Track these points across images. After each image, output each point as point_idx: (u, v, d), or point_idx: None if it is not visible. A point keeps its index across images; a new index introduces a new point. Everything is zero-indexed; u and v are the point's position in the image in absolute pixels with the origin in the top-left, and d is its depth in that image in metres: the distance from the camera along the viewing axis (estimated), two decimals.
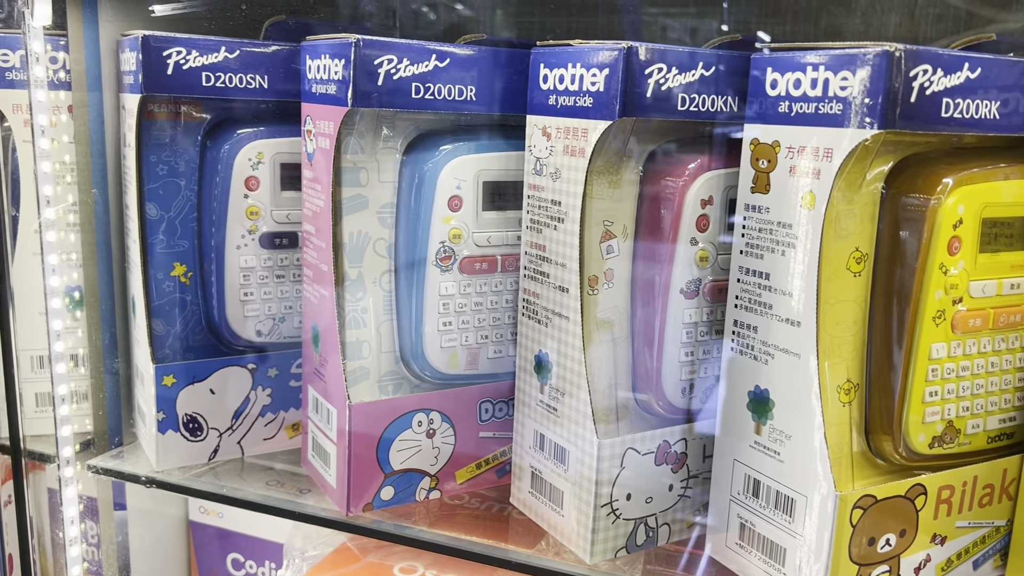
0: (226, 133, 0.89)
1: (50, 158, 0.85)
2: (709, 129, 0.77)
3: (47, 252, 0.86)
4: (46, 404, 0.97)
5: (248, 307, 0.92)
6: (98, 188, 0.91)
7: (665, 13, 1.02)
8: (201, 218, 0.90)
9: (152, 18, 0.95)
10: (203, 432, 0.91)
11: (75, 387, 0.94)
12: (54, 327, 0.87)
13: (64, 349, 0.89)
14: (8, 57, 0.90)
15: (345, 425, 0.81)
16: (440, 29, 1.13)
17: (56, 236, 0.87)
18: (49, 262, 0.86)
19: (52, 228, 0.86)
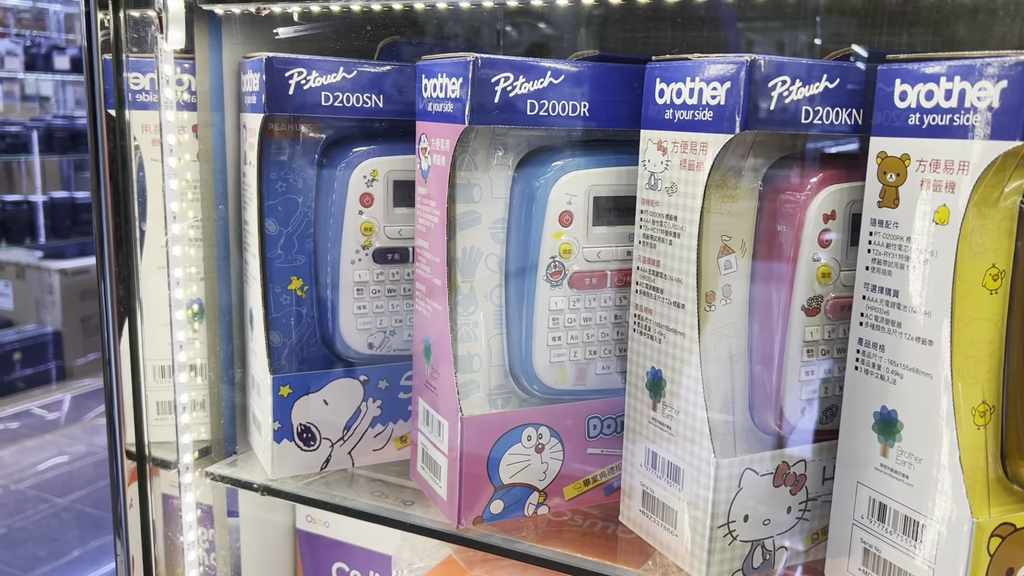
0: (342, 151, 0.92)
1: (177, 176, 0.89)
2: (830, 142, 0.75)
3: (173, 266, 0.90)
4: (166, 412, 1.01)
5: (360, 320, 0.94)
6: (220, 204, 0.95)
7: (752, 28, 1.01)
8: (317, 233, 0.93)
9: (268, 40, 0.99)
10: (316, 442, 0.94)
11: (193, 396, 0.98)
12: (178, 338, 0.91)
13: (186, 359, 0.93)
14: (139, 80, 0.95)
15: (457, 438, 0.82)
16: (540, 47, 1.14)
17: (180, 250, 0.91)
18: (174, 275, 0.90)
19: (177, 243, 0.91)
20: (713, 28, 1.01)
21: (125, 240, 0.85)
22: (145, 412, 0.88)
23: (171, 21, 0.81)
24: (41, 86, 3.92)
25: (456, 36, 1.06)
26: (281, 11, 0.90)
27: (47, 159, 3.56)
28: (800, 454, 0.76)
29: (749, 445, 0.76)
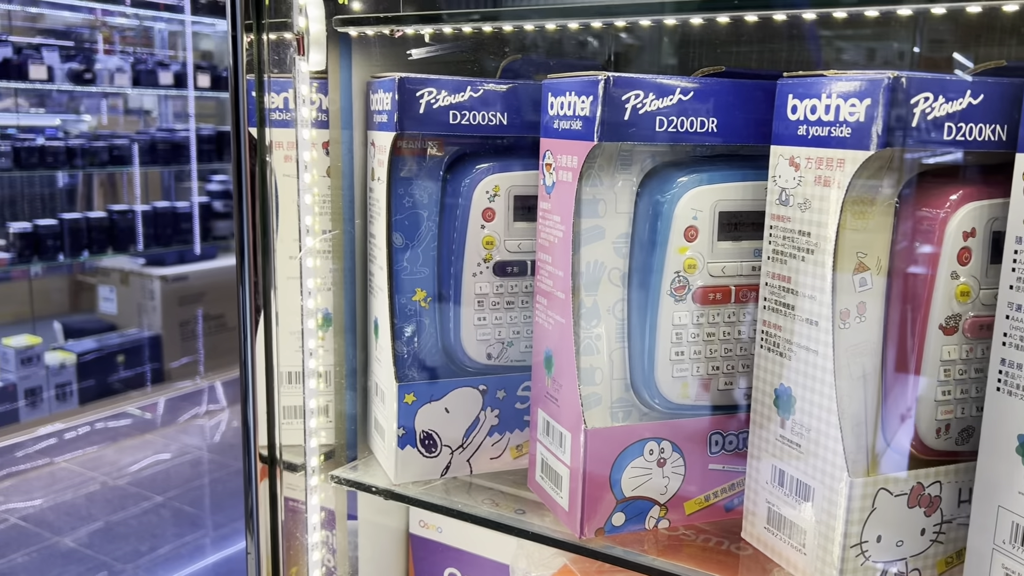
0: (465, 167, 0.95)
1: (311, 191, 0.93)
2: (971, 158, 0.74)
3: (306, 277, 0.94)
4: (291, 417, 1.05)
5: (480, 331, 0.96)
6: (347, 219, 0.99)
7: (843, 35, 1.00)
8: (440, 247, 0.96)
9: (393, 60, 1.02)
10: (437, 449, 0.97)
11: (317, 402, 1.01)
12: (309, 346, 0.95)
13: (315, 366, 0.96)
14: (272, 99, 1.00)
15: (580, 450, 0.83)
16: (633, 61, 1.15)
17: (312, 262, 0.95)
18: (307, 286, 0.94)
19: (310, 255, 0.95)
20: (800, 42, 1.00)
21: (263, 252, 0.89)
22: (278, 417, 0.92)
23: (312, 43, 0.85)
24: (143, 100, 4.12)
25: (569, 54, 1.08)
26: (414, 32, 0.93)
27: (149, 170, 3.73)
28: (935, 475, 0.75)
29: (883, 465, 0.75)
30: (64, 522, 2.65)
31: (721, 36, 1.07)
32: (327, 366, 1.00)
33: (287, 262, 1.00)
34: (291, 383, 1.04)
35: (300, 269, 0.94)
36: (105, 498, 2.83)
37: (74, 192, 4.12)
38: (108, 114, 4.20)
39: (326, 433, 1.04)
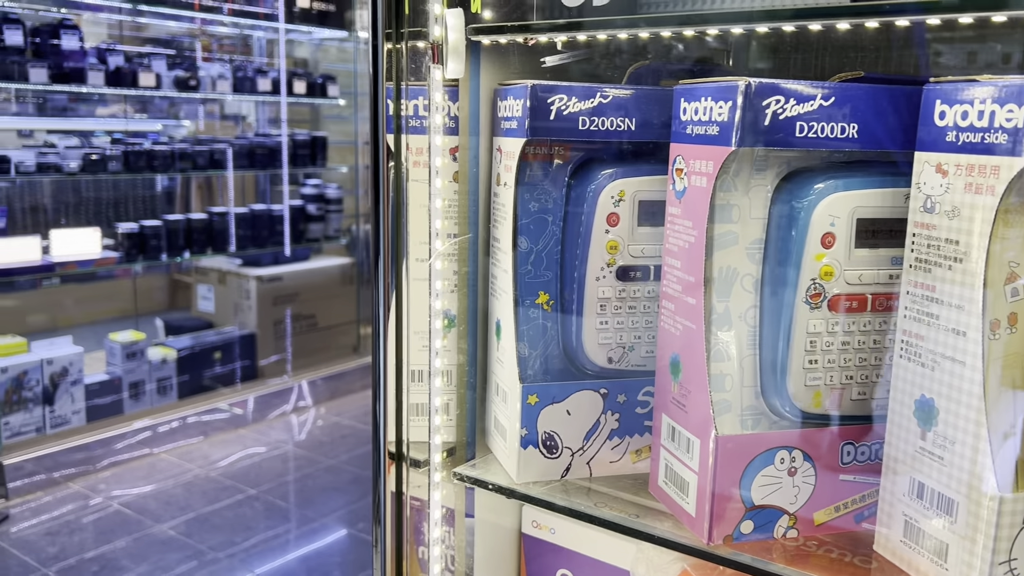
0: (590, 172, 0.96)
1: (441, 196, 0.96)
2: None
3: (434, 279, 0.97)
4: (413, 414, 1.08)
5: (602, 335, 0.97)
6: (472, 223, 1.01)
7: (940, 38, 0.96)
8: (564, 251, 0.97)
9: (518, 67, 1.04)
10: (558, 450, 0.98)
11: (441, 400, 1.04)
12: (435, 345, 0.97)
13: (441, 365, 0.99)
14: (404, 106, 1.02)
15: (709, 457, 0.83)
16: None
17: (440, 265, 0.98)
18: (435, 288, 0.97)
19: (439, 257, 0.97)
20: (913, 47, 0.98)
21: (396, 254, 0.92)
22: (406, 414, 0.95)
23: (451, 52, 0.87)
24: (239, 106, 4.27)
25: (688, 59, 1.08)
26: (547, 40, 0.95)
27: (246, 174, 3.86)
28: None
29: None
30: (163, 510, 2.77)
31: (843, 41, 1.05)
32: (449, 366, 1.02)
33: (414, 264, 1.02)
34: (415, 382, 1.07)
35: (429, 272, 0.96)
36: (201, 489, 2.94)
37: (173, 194, 4.30)
38: (205, 119, 4.36)
39: (446, 431, 1.06)
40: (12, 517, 2.70)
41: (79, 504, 2.80)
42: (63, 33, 3.02)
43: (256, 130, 4.07)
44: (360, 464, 3.18)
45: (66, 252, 3.04)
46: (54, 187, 3.93)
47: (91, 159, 3.04)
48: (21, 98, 3.79)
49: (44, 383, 2.94)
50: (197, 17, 3.56)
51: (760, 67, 1.14)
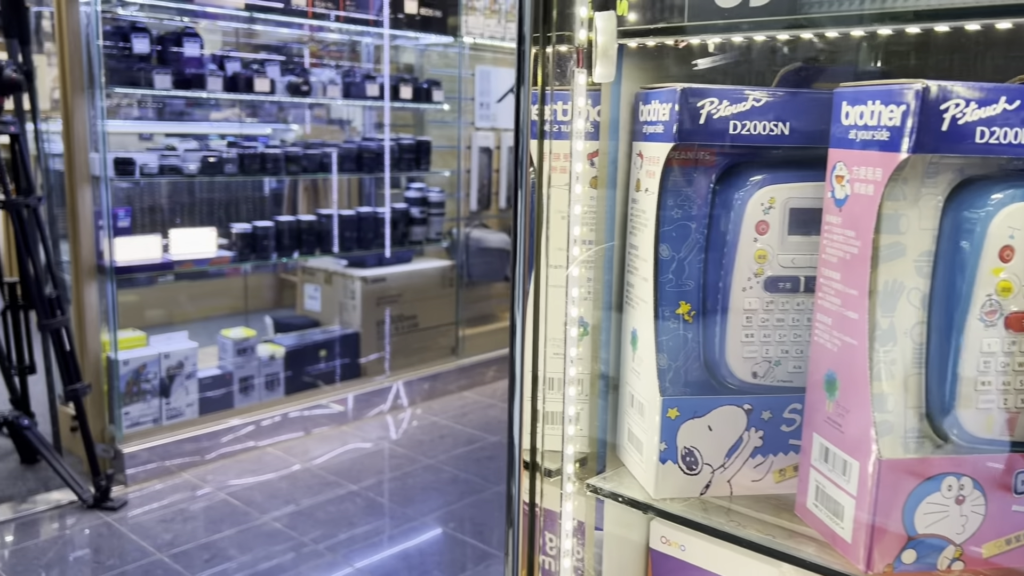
0: (738, 178, 0.92)
1: (581, 202, 0.94)
2: None
3: (571, 286, 0.95)
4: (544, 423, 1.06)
5: (747, 348, 0.93)
6: (608, 230, 0.99)
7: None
8: (707, 260, 0.94)
9: (659, 71, 1.01)
10: (698, 467, 0.94)
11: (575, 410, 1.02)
12: (570, 354, 0.95)
13: (576, 374, 0.97)
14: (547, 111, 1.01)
15: (870, 481, 0.78)
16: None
17: (577, 272, 0.96)
18: (572, 295, 0.95)
19: (577, 264, 0.95)
20: None
21: (537, 261, 0.90)
22: (541, 423, 0.93)
23: (600, 56, 0.85)
24: (345, 111, 4.37)
25: (843, 62, 1.03)
26: (700, 43, 0.92)
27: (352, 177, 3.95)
28: None
29: None
30: (268, 502, 2.84)
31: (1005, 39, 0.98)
32: (581, 375, 1.00)
33: (547, 270, 1.01)
34: (548, 390, 1.05)
35: (567, 279, 0.94)
36: (304, 483, 3.00)
37: (281, 196, 4.43)
38: (312, 123, 4.48)
39: (579, 442, 1.04)
40: (130, 503, 2.82)
41: (190, 493, 2.91)
42: (185, 41, 3.15)
43: (363, 134, 4.15)
44: (458, 465, 3.19)
45: (184, 251, 3.16)
46: (171, 188, 4.10)
47: (209, 161, 3.16)
48: (142, 103, 3.97)
49: (161, 376, 3.07)
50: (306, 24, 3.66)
51: (915, 68, 1.08)
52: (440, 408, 3.80)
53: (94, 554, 2.50)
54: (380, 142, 3.62)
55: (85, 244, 2.90)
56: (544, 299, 0.93)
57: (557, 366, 0.98)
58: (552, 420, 1.04)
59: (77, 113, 2.82)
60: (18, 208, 2.66)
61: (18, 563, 2.45)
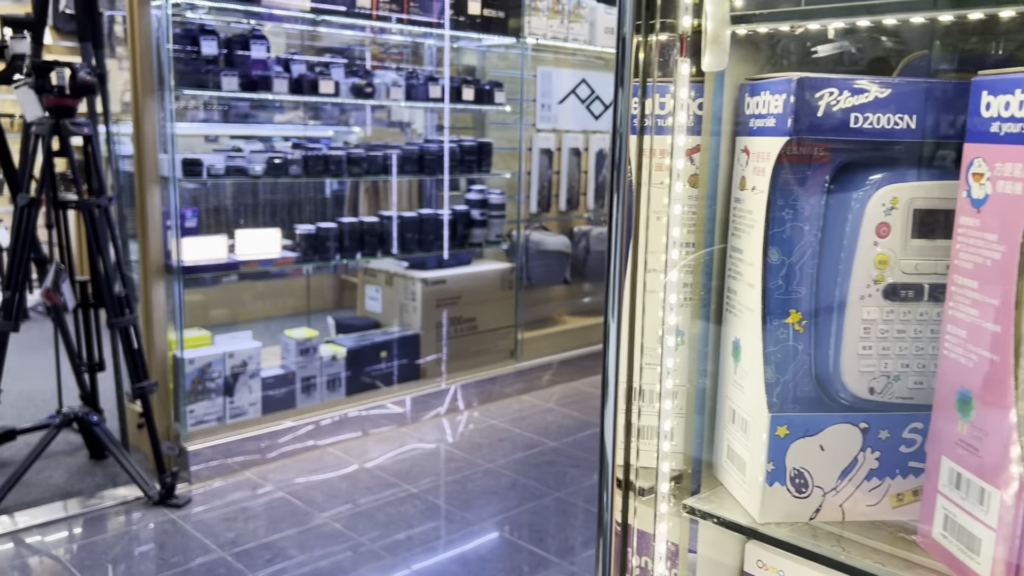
0: (856, 176, 0.84)
1: (681, 201, 0.87)
2: None
3: (669, 292, 0.88)
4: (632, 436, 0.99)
5: (864, 362, 0.85)
6: (708, 231, 0.91)
7: None
8: (821, 265, 0.86)
9: (763, 60, 0.93)
10: (808, 489, 0.86)
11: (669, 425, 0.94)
12: (667, 365, 0.88)
13: (672, 386, 0.89)
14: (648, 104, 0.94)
15: (1011, 512, 0.69)
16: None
17: (675, 277, 0.89)
18: (670, 302, 0.87)
19: (675, 269, 0.88)
20: None
21: (634, 264, 0.83)
22: (636, 438, 0.86)
23: (710, 44, 0.78)
24: (405, 113, 4.35)
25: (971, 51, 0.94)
26: (820, 28, 0.84)
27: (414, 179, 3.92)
28: None
29: None
30: (328, 502, 2.82)
31: None
32: (677, 387, 0.93)
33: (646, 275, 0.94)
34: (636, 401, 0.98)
35: (664, 284, 0.87)
36: (364, 484, 2.98)
37: (342, 197, 4.43)
38: (373, 125, 4.47)
39: (673, 458, 0.97)
40: (193, 500, 2.82)
41: (252, 492, 2.90)
42: (252, 43, 3.15)
43: (424, 136, 4.13)
44: (517, 469, 3.13)
45: (249, 251, 3.17)
46: (235, 189, 4.13)
47: (274, 163, 3.15)
48: (208, 105, 4.00)
49: (226, 375, 3.07)
50: (367, 26, 3.64)
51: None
52: (498, 411, 3.74)
53: (159, 551, 2.50)
54: (441, 144, 3.58)
55: (153, 244, 2.92)
56: (640, 306, 0.86)
57: (651, 377, 0.91)
58: (645, 435, 0.97)
59: (147, 115, 2.84)
60: (90, 208, 2.68)
61: (86, 557, 2.47)
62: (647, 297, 0.93)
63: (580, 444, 3.40)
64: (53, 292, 2.77)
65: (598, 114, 4.19)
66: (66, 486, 2.89)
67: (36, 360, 4.21)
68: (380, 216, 3.49)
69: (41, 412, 3.51)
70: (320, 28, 3.78)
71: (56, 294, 2.77)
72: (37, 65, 2.63)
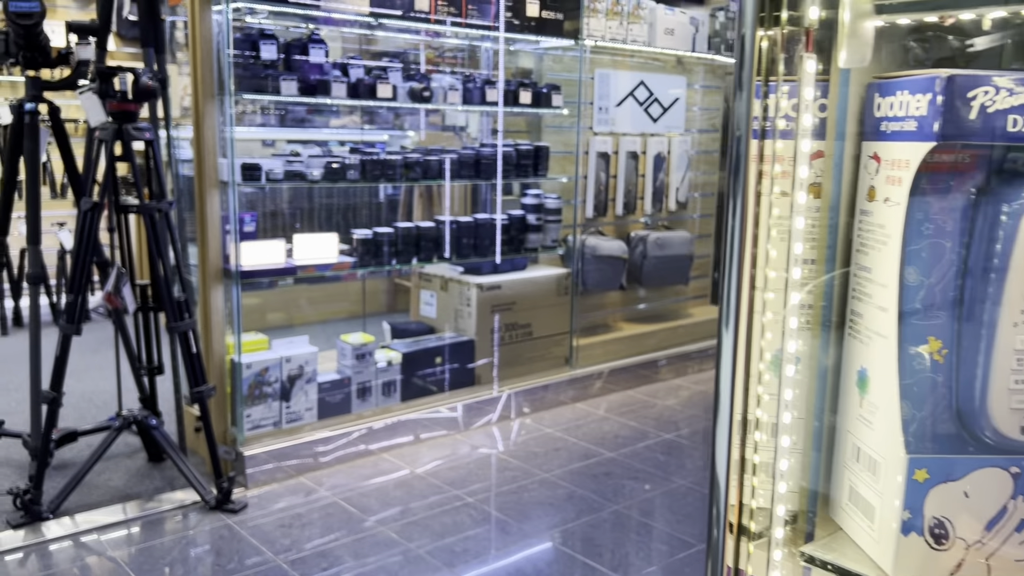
0: (1007, 188, 0.73)
1: (804, 214, 0.77)
2: None
3: (789, 315, 0.78)
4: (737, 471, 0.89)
5: (1016, 397, 0.74)
6: (830, 246, 0.81)
7: None
8: (965, 286, 0.75)
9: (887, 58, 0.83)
10: (948, 540, 0.75)
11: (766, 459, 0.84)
12: (786, 397, 0.78)
13: (791, 420, 0.79)
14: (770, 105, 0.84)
15: None
16: None
17: (797, 298, 0.78)
18: (790, 325, 0.77)
19: (797, 289, 0.78)
20: None
21: (751, 283, 0.74)
22: (750, 477, 0.76)
23: (849, 36, 0.68)
24: (460, 117, 4.28)
25: None
26: (975, 17, 0.73)
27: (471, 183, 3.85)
28: None
29: None
30: (382, 509, 2.76)
31: None
32: (797, 420, 0.83)
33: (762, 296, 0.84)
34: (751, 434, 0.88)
35: (784, 305, 0.77)
36: (420, 491, 2.91)
37: (397, 202, 4.38)
38: (427, 130, 4.42)
39: (788, 499, 0.86)
40: (250, 505, 2.78)
41: (307, 497, 2.85)
42: (311, 47, 3.11)
43: (479, 140, 4.06)
44: (574, 481, 3.03)
45: (307, 256, 3.12)
46: (291, 193, 4.11)
47: (332, 167, 3.11)
48: (265, 110, 3.99)
49: (282, 380, 3.03)
50: (423, 29, 3.58)
51: None
52: (552, 419, 3.65)
53: (215, 557, 2.47)
54: (498, 148, 3.50)
55: (212, 248, 2.89)
56: (756, 330, 0.76)
57: (766, 408, 0.81)
58: (756, 471, 0.87)
59: (207, 119, 2.81)
60: (151, 212, 2.66)
61: (144, 561, 2.44)
62: (760, 319, 0.83)
63: (638, 455, 3.29)
64: (114, 296, 2.76)
65: (656, 116, 4.07)
66: (125, 488, 2.88)
67: (96, 361, 4.23)
68: (436, 221, 3.43)
69: (101, 413, 3.52)
70: (377, 32, 3.74)
71: (117, 298, 2.76)
72: (101, 71, 2.62)
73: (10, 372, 4.10)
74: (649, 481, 3.05)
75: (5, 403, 3.67)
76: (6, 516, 2.64)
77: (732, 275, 0.73)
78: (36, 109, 2.90)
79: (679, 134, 4.22)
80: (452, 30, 3.40)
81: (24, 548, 2.50)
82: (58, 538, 2.55)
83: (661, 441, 3.43)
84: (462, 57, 4.14)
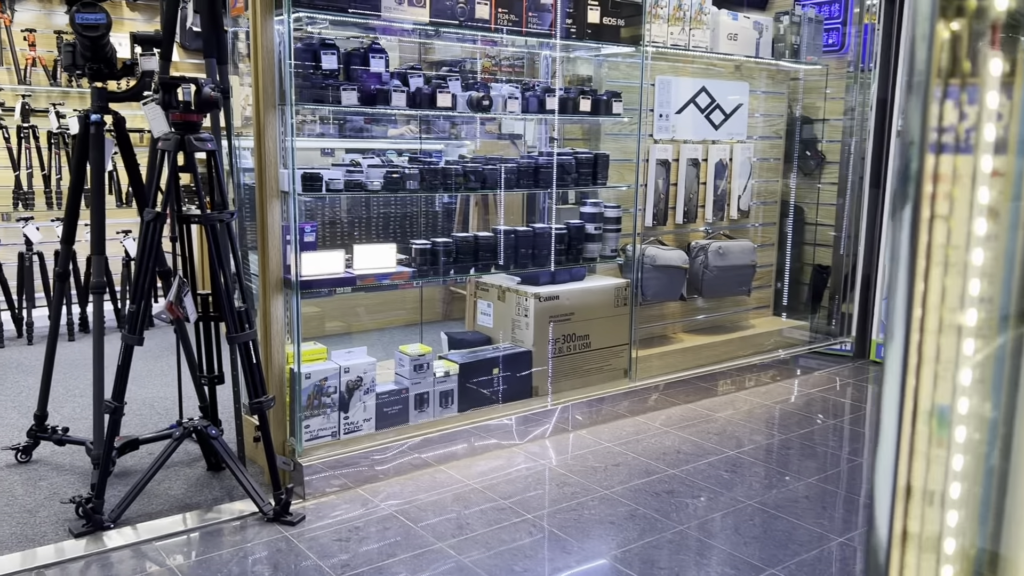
0: None
1: (983, 245, 0.62)
2: None
3: (961, 366, 0.63)
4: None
5: None
6: (1005, 282, 0.66)
7: None
8: None
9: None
10: None
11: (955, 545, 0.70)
12: (955, 465, 0.63)
13: (961, 494, 0.65)
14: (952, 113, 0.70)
15: None
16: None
17: (973, 347, 0.64)
18: (961, 381, 0.63)
19: (972, 336, 0.63)
20: None
21: (921, 327, 0.59)
22: (915, 552, 0.62)
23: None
24: (517, 125, 4.17)
25: None
26: None
27: (529, 192, 3.74)
28: None
29: None
30: (440, 525, 2.65)
31: None
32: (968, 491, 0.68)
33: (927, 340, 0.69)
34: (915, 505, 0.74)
35: (956, 357, 0.63)
36: (478, 506, 2.80)
37: (453, 211, 4.29)
38: (484, 138, 4.31)
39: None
40: (307, 518, 2.70)
41: (365, 510, 2.76)
42: (372, 57, 3.02)
43: (538, 148, 3.93)
44: (634, 498, 2.88)
45: (366, 265, 3.03)
46: (349, 203, 4.04)
47: (392, 177, 3.01)
48: (324, 119, 3.92)
49: (341, 390, 2.95)
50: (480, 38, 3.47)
51: None
52: (611, 433, 3.50)
53: (272, 571, 2.38)
54: (558, 156, 3.37)
55: (273, 258, 2.81)
56: (924, 383, 0.62)
57: (933, 474, 0.67)
58: (916, 543, 0.72)
59: (268, 130, 2.74)
60: (212, 223, 2.59)
61: (203, 574, 2.36)
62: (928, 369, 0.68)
63: (700, 472, 3.13)
64: (176, 305, 2.70)
65: (718, 123, 3.90)
66: (184, 498, 2.82)
67: (159, 367, 4.22)
68: (494, 231, 3.31)
69: (162, 420, 3.48)
70: (435, 41, 3.65)
71: (178, 307, 2.70)
72: (164, 81, 2.56)
73: (75, 378, 4.10)
74: (713, 500, 2.88)
75: (70, 409, 3.66)
76: (69, 524, 2.60)
77: (900, 314, 0.59)
78: (102, 120, 2.86)
79: (741, 141, 4.04)
80: (509, 38, 3.29)
81: (85, 558, 2.44)
82: (118, 547, 2.49)
83: (724, 458, 3.26)
84: (518, 65, 4.02)
